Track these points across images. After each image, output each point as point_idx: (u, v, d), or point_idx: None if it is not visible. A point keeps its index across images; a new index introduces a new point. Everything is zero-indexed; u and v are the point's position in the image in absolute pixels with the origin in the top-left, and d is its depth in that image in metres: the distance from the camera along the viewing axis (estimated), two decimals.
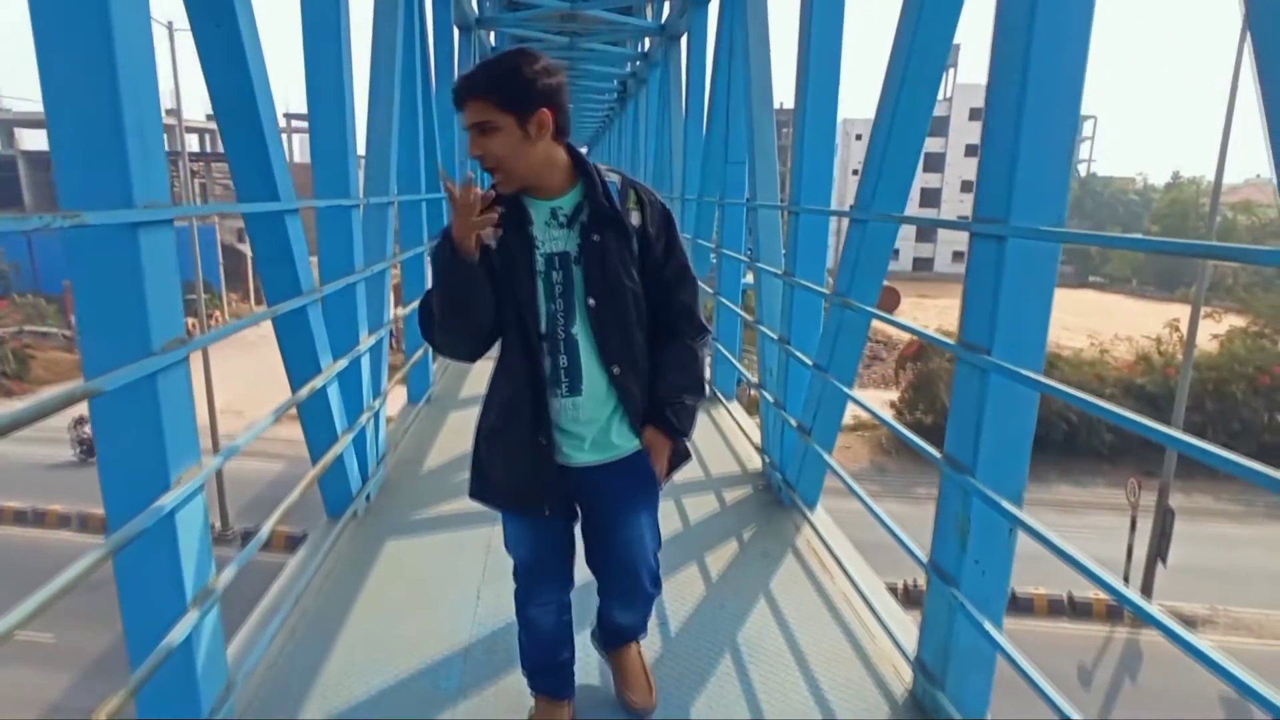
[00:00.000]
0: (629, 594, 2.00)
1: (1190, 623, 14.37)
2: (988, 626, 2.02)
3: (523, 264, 1.69)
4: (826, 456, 3.22)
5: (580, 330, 1.72)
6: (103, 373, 1.57)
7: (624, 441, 1.82)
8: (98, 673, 11.72)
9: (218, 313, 28.79)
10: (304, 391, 2.71)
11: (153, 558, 1.82)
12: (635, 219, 1.74)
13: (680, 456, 1.90)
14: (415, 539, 3.37)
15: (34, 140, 41.98)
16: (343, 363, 3.13)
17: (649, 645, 2.43)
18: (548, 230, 1.70)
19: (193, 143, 44.95)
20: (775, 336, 3.89)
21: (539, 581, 1.97)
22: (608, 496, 1.84)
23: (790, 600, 2.88)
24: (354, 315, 3.43)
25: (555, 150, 1.68)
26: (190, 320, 17.92)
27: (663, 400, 1.80)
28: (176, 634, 1.80)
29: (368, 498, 3.61)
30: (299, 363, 2.91)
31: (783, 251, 4.12)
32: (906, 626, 2.56)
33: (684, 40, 7.69)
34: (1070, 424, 21.79)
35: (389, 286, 4.27)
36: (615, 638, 2.19)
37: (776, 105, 4.67)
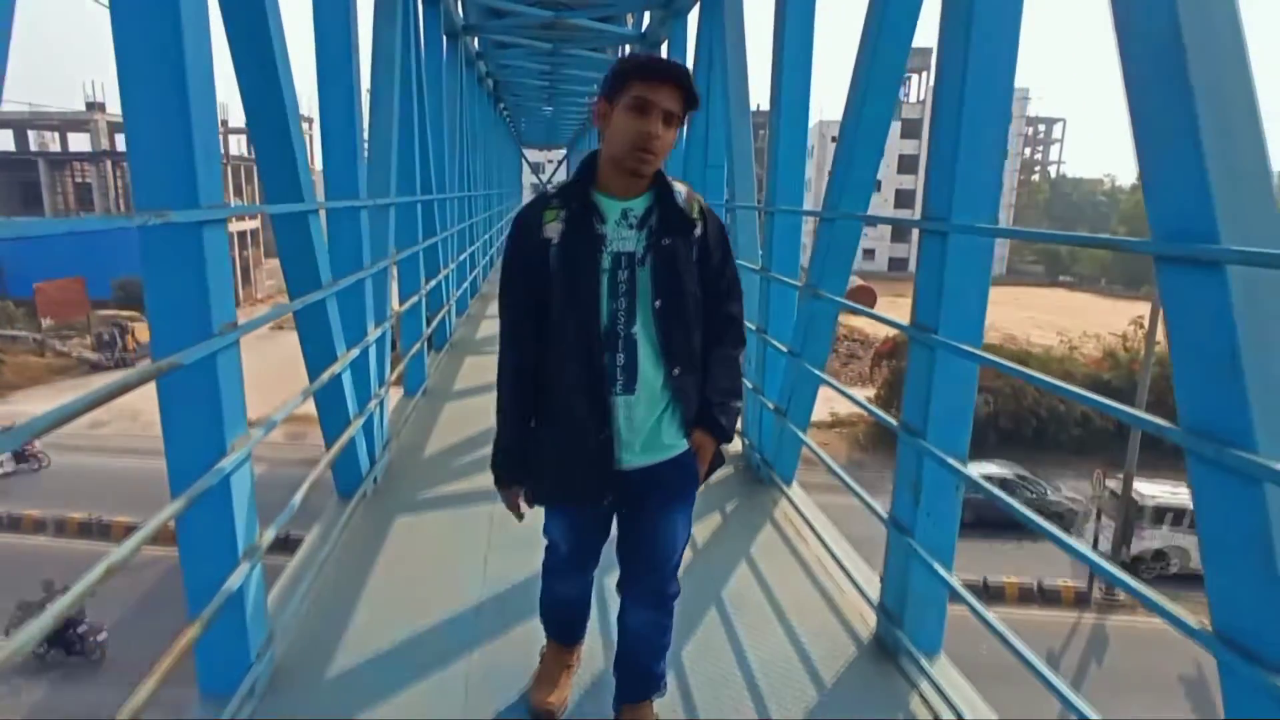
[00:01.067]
0: (652, 590, 1.98)
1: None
2: (939, 569, 2.34)
3: (589, 261, 1.71)
4: (800, 434, 3.53)
5: (641, 330, 1.74)
6: (172, 352, 1.83)
7: (674, 442, 1.84)
8: None
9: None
10: (325, 376, 2.97)
11: (210, 515, 2.08)
12: (698, 229, 1.79)
13: (720, 460, 1.96)
14: (423, 515, 3.63)
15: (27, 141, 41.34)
16: (354, 352, 3.38)
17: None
18: (618, 230, 1.73)
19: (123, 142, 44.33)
20: (754, 327, 4.20)
21: (574, 568, 2.07)
22: (654, 497, 1.86)
23: (769, 562, 3.19)
24: (363, 309, 3.68)
25: None
26: None
27: (713, 404, 1.84)
28: (232, 582, 2.06)
29: (375, 479, 3.87)
30: (317, 351, 3.16)
31: (759, 250, 4.43)
32: (871, 580, 2.87)
33: (664, 48, 7.99)
34: (1040, 419, 22.45)
35: (390, 283, 4.53)
36: (632, 677, 2.09)
37: (754, 107, 4.97)
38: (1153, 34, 1.49)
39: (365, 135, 4.31)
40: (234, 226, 35.01)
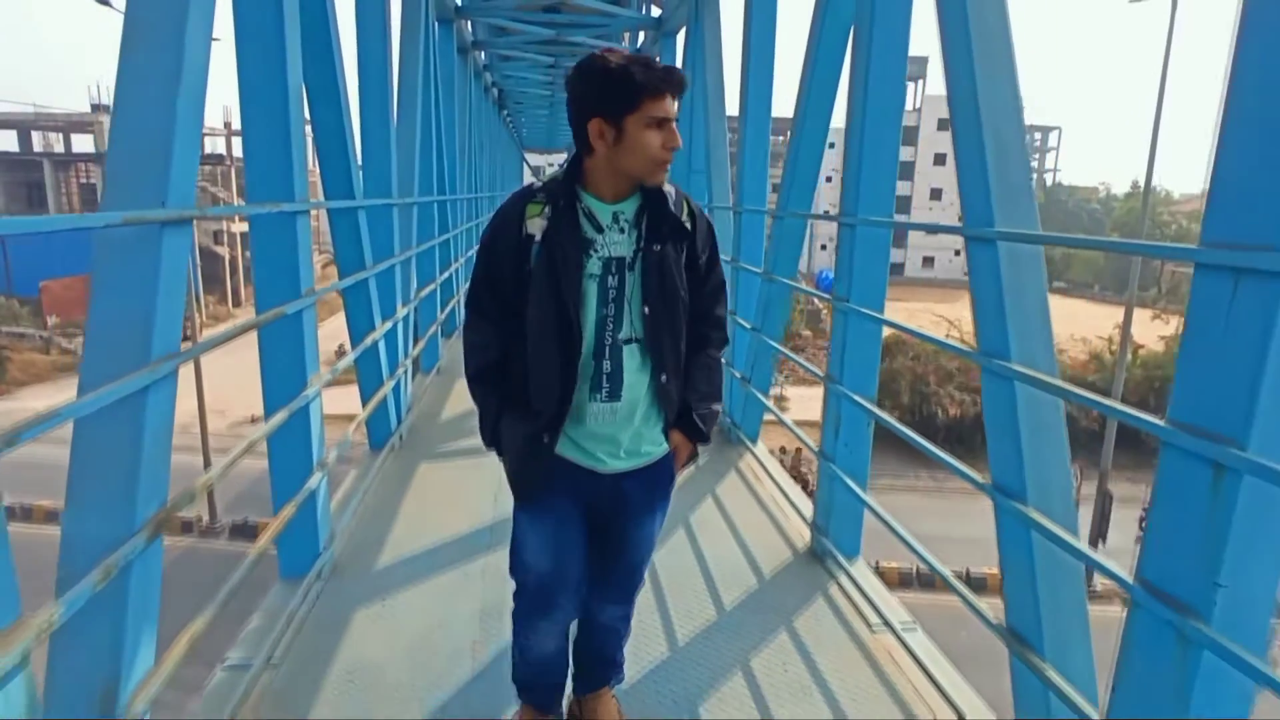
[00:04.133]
0: (624, 590, 1.98)
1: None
2: (854, 487, 3.01)
3: (574, 263, 1.63)
4: (761, 397, 4.21)
5: (628, 337, 1.68)
6: (270, 307, 2.52)
7: (655, 447, 1.80)
8: None
9: (195, 316, 28.94)
10: (367, 341, 3.66)
11: (294, 435, 2.76)
12: (688, 230, 1.73)
13: (695, 457, 1.91)
14: (441, 463, 4.32)
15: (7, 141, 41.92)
16: (389, 324, 4.07)
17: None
18: (609, 234, 1.66)
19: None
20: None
21: (552, 604, 1.88)
22: (633, 502, 1.81)
23: (730, 498, 3.87)
24: (393, 290, 4.37)
25: None
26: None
27: (693, 408, 1.79)
28: (310, 483, 2.73)
29: (401, 436, 4.55)
30: (360, 322, 3.84)
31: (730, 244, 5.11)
32: (809, 508, 3.55)
33: None
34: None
35: (413, 270, 5.21)
36: (593, 667, 2.11)
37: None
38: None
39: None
40: (235, 228, 35.73)
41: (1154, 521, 1.51)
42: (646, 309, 1.67)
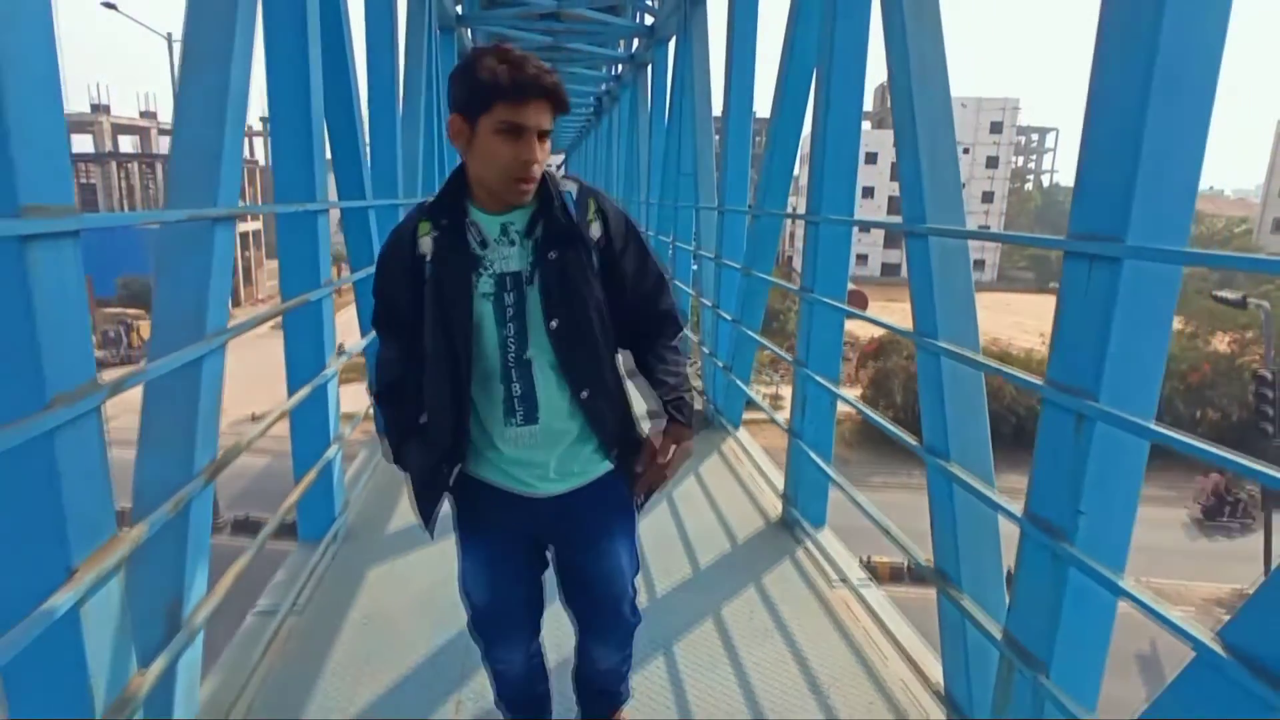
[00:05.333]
0: (610, 630, 1.84)
1: None
2: (819, 462, 3.33)
3: (462, 286, 1.52)
4: (740, 384, 4.54)
5: (537, 355, 1.56)
6: (292, 296, 2.84)
7: (591, 467, 1.67)
8: None
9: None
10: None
11: (313, 409, 3.08)
12: (596, 230, 1.58)
13: (686, 454, 1.75)
14: None
15: None
16: None
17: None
18: (498, 248, 1.53)
19: (126, 144, 44.88)
20: (709, 304, 5.21)
21: (500, 636, 1.80)
22: (582, 526, 1.70)
23: (710, 476, 4.19)
24: None
25: None
26: None
27: (667, 405, 1.67)
28: (328, 454, 3.06)
29: None
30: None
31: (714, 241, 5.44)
32: (781, 482, 3.87)
33: (649, 70, 9.03)
34: (1019, 417, 23.44)
35: None
36: (597, 698, 2.01)
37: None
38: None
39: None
40: (239, 228, 36.04)
41: (1037, 463, 1.82)
42: (553, 323, 1.54)
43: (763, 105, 5.14)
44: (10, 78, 1.23)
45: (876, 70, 2.66)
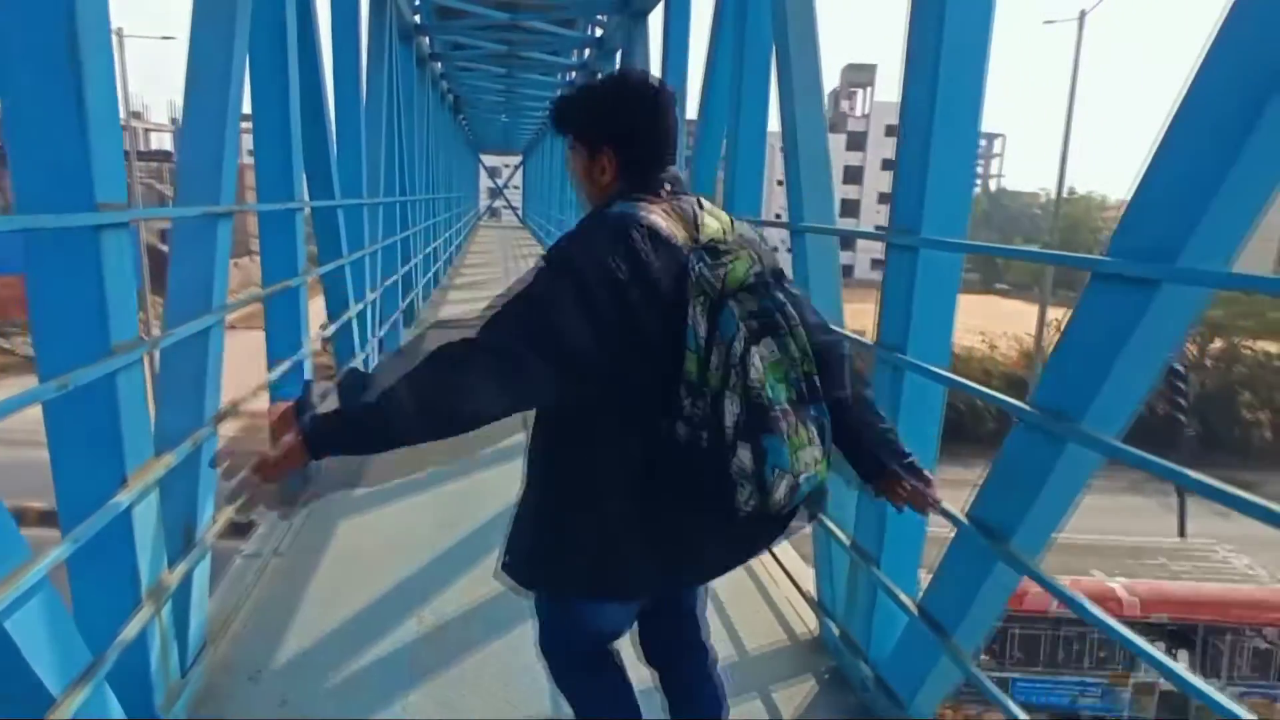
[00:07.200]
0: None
1: None
2: None
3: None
4: None
5: None
6: (272, 283, 3.28)
7: None
8: None
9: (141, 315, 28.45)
10: (344, 316, 4.41)
11: (292, 385, 3.50)
12: None
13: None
14: None
15: None
16: (360, 306, 4.83)
17: None
18: None
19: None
20: None
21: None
22: None
23: None
24: (364, 278, 5.13)
25: None
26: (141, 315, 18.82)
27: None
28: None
29: None
30: (336, 303, 4.59)
31: None
32: None
33: (618, 56, 9.42)
34: (958, 412, 24.50)
35: (380, 262, 5.97)
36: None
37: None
38: None
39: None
40: None
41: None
42: None
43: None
44: (91, 98, 1.63)
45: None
